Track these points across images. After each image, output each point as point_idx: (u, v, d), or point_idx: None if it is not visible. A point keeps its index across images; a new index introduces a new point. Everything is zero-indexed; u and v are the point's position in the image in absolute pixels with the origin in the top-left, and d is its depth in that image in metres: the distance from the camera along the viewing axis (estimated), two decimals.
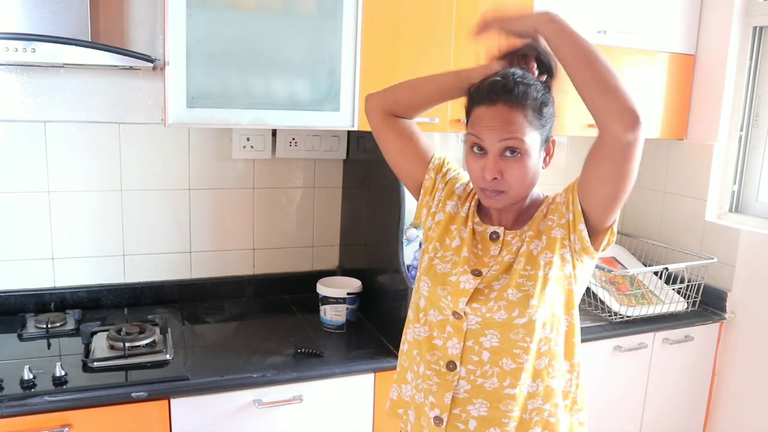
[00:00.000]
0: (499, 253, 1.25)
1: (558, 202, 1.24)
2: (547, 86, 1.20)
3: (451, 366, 1.25)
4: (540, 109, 1.16)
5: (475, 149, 1.19)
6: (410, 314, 1.36)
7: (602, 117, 1.06)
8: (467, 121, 1.23)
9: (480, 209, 1.32)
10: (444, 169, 1.37)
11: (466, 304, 1.22)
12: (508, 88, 1.14)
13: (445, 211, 1.33)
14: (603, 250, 1.22)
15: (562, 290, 1.22)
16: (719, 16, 2.35)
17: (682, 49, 2.40)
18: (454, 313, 1.24)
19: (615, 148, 1.07)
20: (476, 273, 1.24)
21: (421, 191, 1.38)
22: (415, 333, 1.32)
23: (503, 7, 1.17)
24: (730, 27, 2.32)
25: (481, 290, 1.22)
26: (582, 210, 1.18)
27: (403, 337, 1.38)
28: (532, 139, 1.15)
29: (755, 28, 2.33)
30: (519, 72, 1.18)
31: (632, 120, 1.04)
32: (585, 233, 1.18)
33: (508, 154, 1.16)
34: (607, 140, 1.08)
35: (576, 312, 1.26)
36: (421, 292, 1.31)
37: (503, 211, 1.27)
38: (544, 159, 1.22)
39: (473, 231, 1.30)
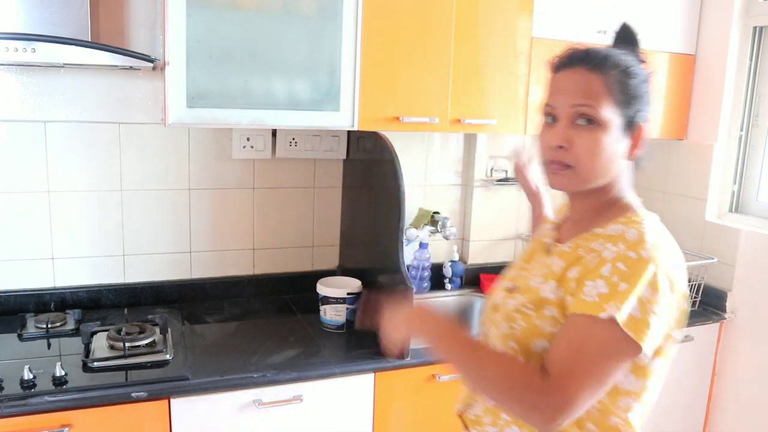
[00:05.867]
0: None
1: (595, 262, 1.02)
2: (647, 69, 1.08)
3: None
4: (626, 80, 1.03)
5: (547, 119, 1.08)
6: None
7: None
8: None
9: (559, 227, 1.21)
10: None
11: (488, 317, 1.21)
12: (590, 53, 1.05)
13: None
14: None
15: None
16: (719, 16, 2.35)
17: (682, 49, 2.40)
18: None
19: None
20: (510, 289, 1.18)
21: None
22: None
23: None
24: (730, 27, 2.32)
25: (497, 306, 1.18)
26: None
27: None
28: (611, 112, 1.02)
29: (755, 28, 2.33)
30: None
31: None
32: None
33: (580, 122, 1.03)
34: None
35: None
36: None
37: (567, 221, 1.17)
38: (629, 148, 1.06)
39: (539, 246, 1.21)
